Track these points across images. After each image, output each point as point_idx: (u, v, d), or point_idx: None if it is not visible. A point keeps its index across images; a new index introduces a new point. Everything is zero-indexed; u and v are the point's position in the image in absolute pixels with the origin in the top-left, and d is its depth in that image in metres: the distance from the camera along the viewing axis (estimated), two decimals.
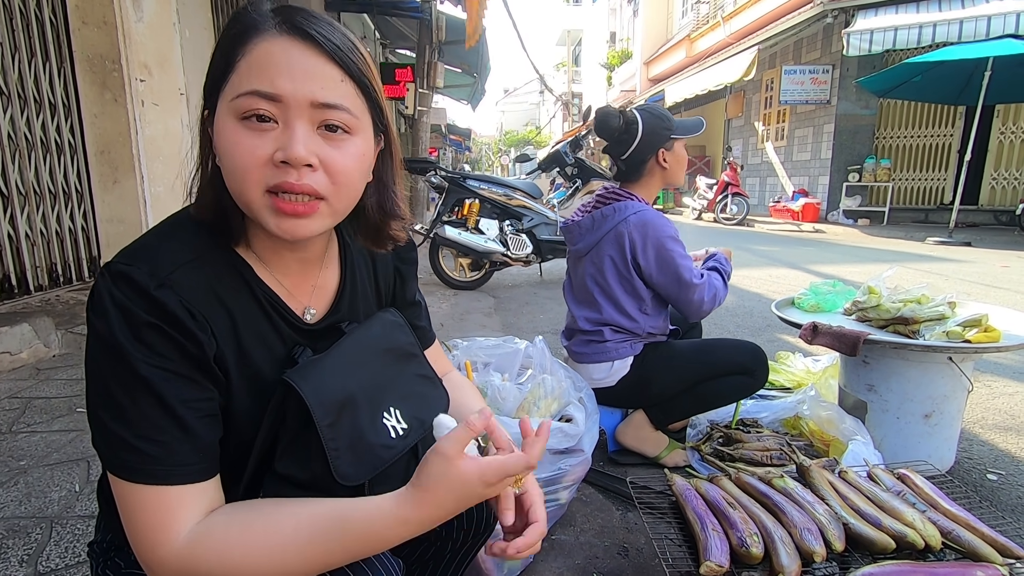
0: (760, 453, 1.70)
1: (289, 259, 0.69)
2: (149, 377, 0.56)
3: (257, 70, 0.58)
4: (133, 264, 0.58)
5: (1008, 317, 1.78)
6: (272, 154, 0.58)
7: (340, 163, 0.61)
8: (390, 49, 12.06)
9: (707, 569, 1.02)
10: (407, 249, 0.86)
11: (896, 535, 1.07)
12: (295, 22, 0.59)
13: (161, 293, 0.57)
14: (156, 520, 0.55)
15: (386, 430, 0.68)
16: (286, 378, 0.62)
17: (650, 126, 1.72)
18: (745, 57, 10.66)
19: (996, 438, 2.01)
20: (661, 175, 1.78)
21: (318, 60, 0.59)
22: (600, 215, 1.75)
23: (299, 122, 0.58)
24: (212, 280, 0.62)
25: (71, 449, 1.82)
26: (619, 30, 23.79)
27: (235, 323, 0.63)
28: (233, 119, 0.58)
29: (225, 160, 0.60)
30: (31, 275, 3.14)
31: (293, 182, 0.58)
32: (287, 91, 0.57)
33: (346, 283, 0.76)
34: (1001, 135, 9.68)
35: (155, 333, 0.56)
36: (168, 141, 3.72)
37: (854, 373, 1.80)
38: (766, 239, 8.66)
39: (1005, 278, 5.02)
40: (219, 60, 0.61)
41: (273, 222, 0.60)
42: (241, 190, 0.59)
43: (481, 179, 4.86)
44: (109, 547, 0.71)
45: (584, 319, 1.79)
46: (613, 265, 1.72)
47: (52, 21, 3.22)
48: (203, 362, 0.59)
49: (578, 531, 1.49)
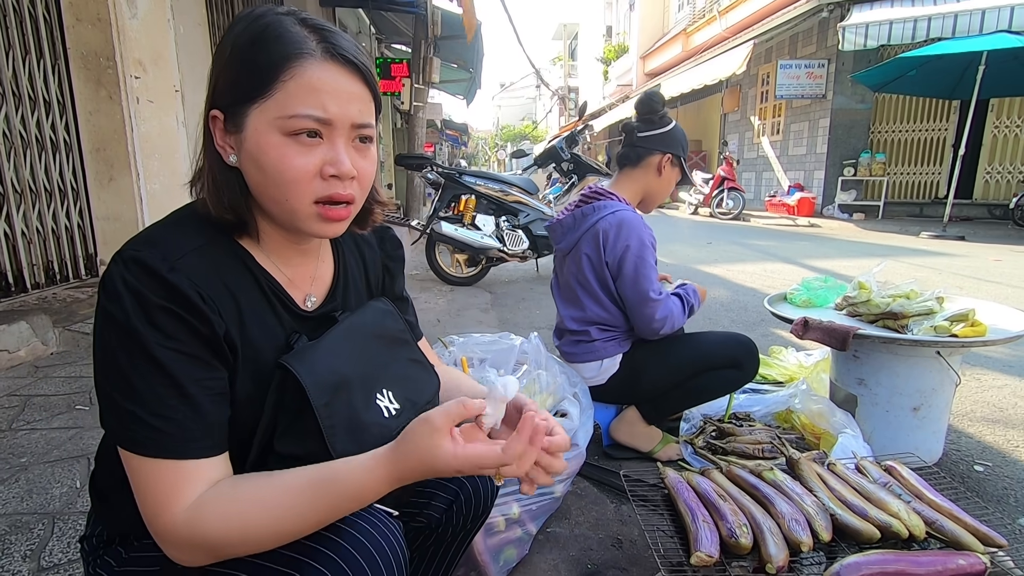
0: (752, 446, 1.72)
1: (292, 251, 0.75)
2: (162, 358, 0.59)
3: (310, 95, 0.63)
4: (144, 250, 0.61)
5: (995, 311, 1.81)
6: (320, 168, 0.65)
7: (368, 171, 0.71)
8: (385, 44, 12.01)
9: (697, 559, 1.05)
10: (394, 246, 0.92)
11: (881, 525, 1.09)
12: (338, 48, 0.65)
13: (173, 276, 0.60)
14: (166, 491, 0.59)
15: (379, 410, 0.72)
16: (283, 362, 0.66)
17: (675, 132, 1.79)
18: (740, 52, 10.66)
19: (984, 430, 2.05)
20: (649, 179, 1.81)
21: (358, 85, 0.67)
22: (581, 213, 1.77)
23: (342, 140, 0.66)
24: (218, 266, 0.66)
25: (71, 446, 1.84)
26: (615, 24, 23.73)
27: (240, 308, 0.67)
28: (278, 135, 0.63)
29: (270, 172, 0.64)
30: (28, 273, 3.14)
31: (341, 192, 0.67)
32: (336, 115, 0.65)
33: (339, 274, 0.82)
34: (995, 129, 9.72)
35: (167, 315, 0.60)
36: (163, 138, 3.72)
37: (845, 367, 1.83)
38: (762, 234, 8.69)
39: (997, 272, 5.06)
40: (255, 74, 0.63)
41: (317, 227, 0.68)
42: (288, 199, 0.66)
43: (477, 175, 4.87)
44: (99, 543, 0.73)
45: (570, 318, 1.81)
46: (590, 263, 1.73)
47: (46, 18, 3.21)
48: (214, 342, 0.63)
49: (573, 523, 1.52)
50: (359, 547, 0.63)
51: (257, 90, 0.63)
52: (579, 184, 5.14)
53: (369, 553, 0.63)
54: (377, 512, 0.68)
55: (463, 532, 0.92)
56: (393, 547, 0.66)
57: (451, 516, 0.89)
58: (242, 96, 0.64)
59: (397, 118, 13.98)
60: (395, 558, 0.65)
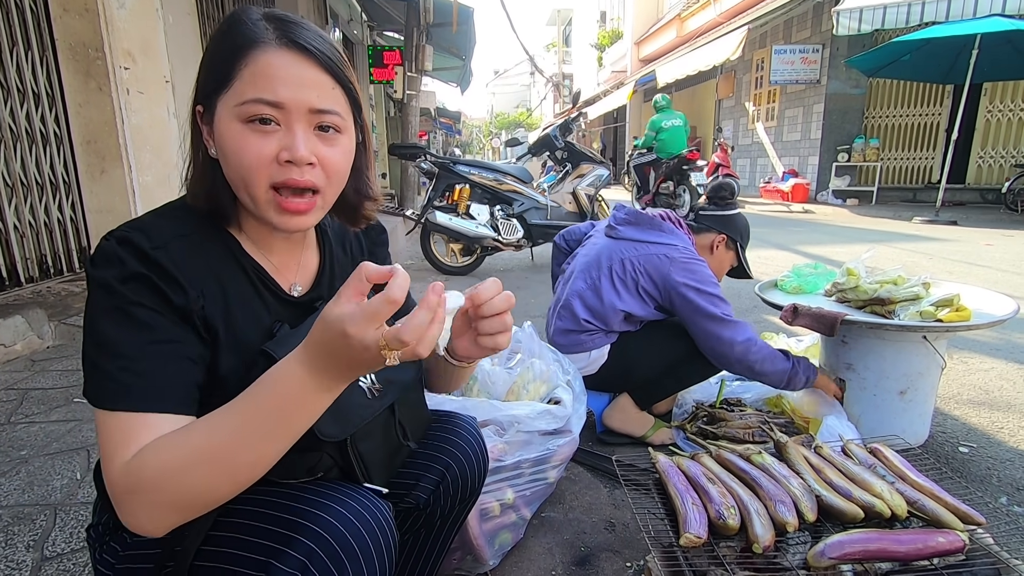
0: (742, 431, 1.76)
1: (276, 239, 0.76)
2: (135, 313, 0.62)
3: (261, 80, 0.64)
4: (132, 232, 0.65)
5: (980, 296, 1.84)
6: (276, 154, 0.65)
7: (333, 159, 0.69)
8: (377, 31, 11.88)
9: (686, 540, 1.07)
10: (378, 232, 0.94)
11: (865, 505, 1.13)
12: (293, 36, 0.66)
13: (157, 254, 0.64)
14: (121, 441, 0.58)
15: (361, 391, 0.74)
16: (264, 348, 0.68)
17: (737, 219, 1.90)
18: (735, 37, 10.60)
19: (970, 413, 2.09)
20: (704, 254, 1.86)
21: (314, 71, 0.66)
22: (655, 221, 1.81)
23: (299, 125, 0.66)
24: (204, 253, 0.69)
25: (71, 438, 1.86)
26: (609, 9, 23.52)
27: (226, 292, 0.69)
28: (237, 122, 0.65)
29: (231, 159, 0.66)
30: (21, 267, 3.14)
31: (297, 178, 0.66)
32: (288, 98, 0.64)
33: (325, 263, 0.83)
34: (988, 114, 9.74)
35: (143, 281, 0.63)
36: (155, 129, 3.70)
37: (833, 352, 1.86)
38: (756, 220, 8.69)
39: (988, 256, 5.11)
40: (219, 66, 0.66)
41: (277, 219, 0.68)
42: (247, 186, 0.66)
43: (471, 164, 4.86)
44: (105, 530, 0.75)
45: (577, 294, 1.81)
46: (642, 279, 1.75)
47: (32, 8, 3.17)
48: (187, 315, 0.65)
49: (567, 508, 1.55)
50: (346, 522, 0.64)
51: (220, 81, 0.65)
52: (573, 172, 5.13)
53: (356, 528, 0.64)
54: (365, 491, 0.70)
55: (453, 513, 0.95)
56: (380, 523, 0.67)
57: (439, 497, 0.91)
58: (211, 88, 0.66)
59: (390, 106, 13.87)
60: (383, 534, 0.67)
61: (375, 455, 0.78)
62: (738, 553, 1.10)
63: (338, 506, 0.65)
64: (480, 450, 0.97)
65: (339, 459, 0.74)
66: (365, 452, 0.77)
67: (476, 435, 0.98)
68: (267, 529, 0.63)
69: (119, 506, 0.58)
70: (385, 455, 0.81)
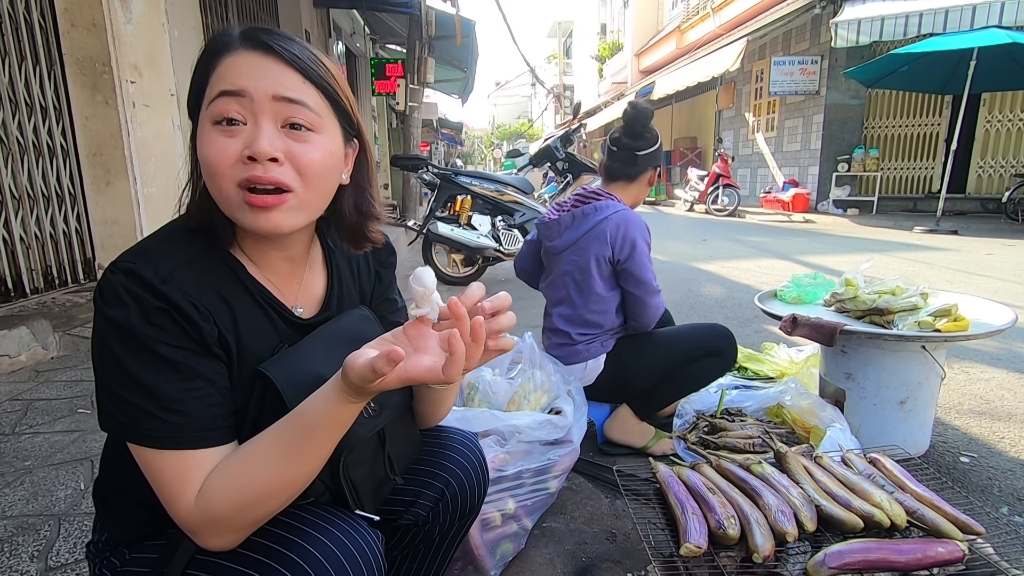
0: (743, 441, 1.76)
1: (276, 258, 0.75)
2: (163, 353, 0.62)
3: (226, 76, 0.65)
4: (138, 262, 0.64)
5: (979, 306, 1.85)
6: (242, 152, 0.64)
7: (305, 157, 0.66)
8: (380, 44, 12.02)
9: (686, 550, 1.08)
10: (387, 253, 0.92)
11: (864, 515, 1.13)
12: (258, 38, 0.66)
13: (166, 288, 0.63)
14: (178, 481, 0.62)
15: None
16: (260, 368, 0.68)
17: (660, 144, 1.89)
18: (734, 48, 10.69)
19: (970, 422, 2.09)
20: (641, 191, 1.90)
21: (278, 66, 0.66)
22: (581, 212, 1.80)
23: (264, 119, 0.64)
24: (210, 277, 0.68)
25: (74, 449, 1.87)
26: (610, 21, 23.74)
27: (234, 315, 0.69)
28: (209, 125, 0.65)
29: (203, 163, 0.66)
30: (27, 278, 3.17)
31: (260, 175, 0.64)
32: (249, 86, 0.64)
33: (333, 285, 0.82)
34: (987, 123, 9.78)
35: (166, 317, 0.63)
36: (160, 142, 3.74)
37: (833, 362, 1.86)
38: (757, 230, 8.73)
39: (988, 265, 5.11)
40: (196, 80, 0.68)
41: (248, 218, 0.66)
42: (217, 188, 0.66)
43: (472, 175, 4.89)
44: (104, 547, 0.75)
45: (558, 316, 1.84)
46: (595, 260, 1.76)
47: (41, 24, 3.22)
48: (207, 346, 0.66)
49: (568, 518, 1.55)
50: (329, 555, 0.64)
51: (199, 93, 0.67)
52: (574, 183, 5.17)
53: (339, 561, 0.64)
54: (353, 518, 0.70)
55: (452, 530, 0.93)
56: (366, 555, 0.66)
57: (437, 514, 0.90)
58: (194, 103, 0.69)
59: (393, 118, 13.97)
60: (366, 564, 0.66)
61: (366, 483, 0.77)
62: (738, 563, 1.10)
63: (324, 536, 0.65)
64: (480, 467, 0.95)
65: (331, 484, 0.74)
66: (356, 479, 0.76)
67: (477, 452, 0.96)
68: (251, 557, 0.63)
69: (195, 536, 0.63)
70: (375, 484, 0.80)
